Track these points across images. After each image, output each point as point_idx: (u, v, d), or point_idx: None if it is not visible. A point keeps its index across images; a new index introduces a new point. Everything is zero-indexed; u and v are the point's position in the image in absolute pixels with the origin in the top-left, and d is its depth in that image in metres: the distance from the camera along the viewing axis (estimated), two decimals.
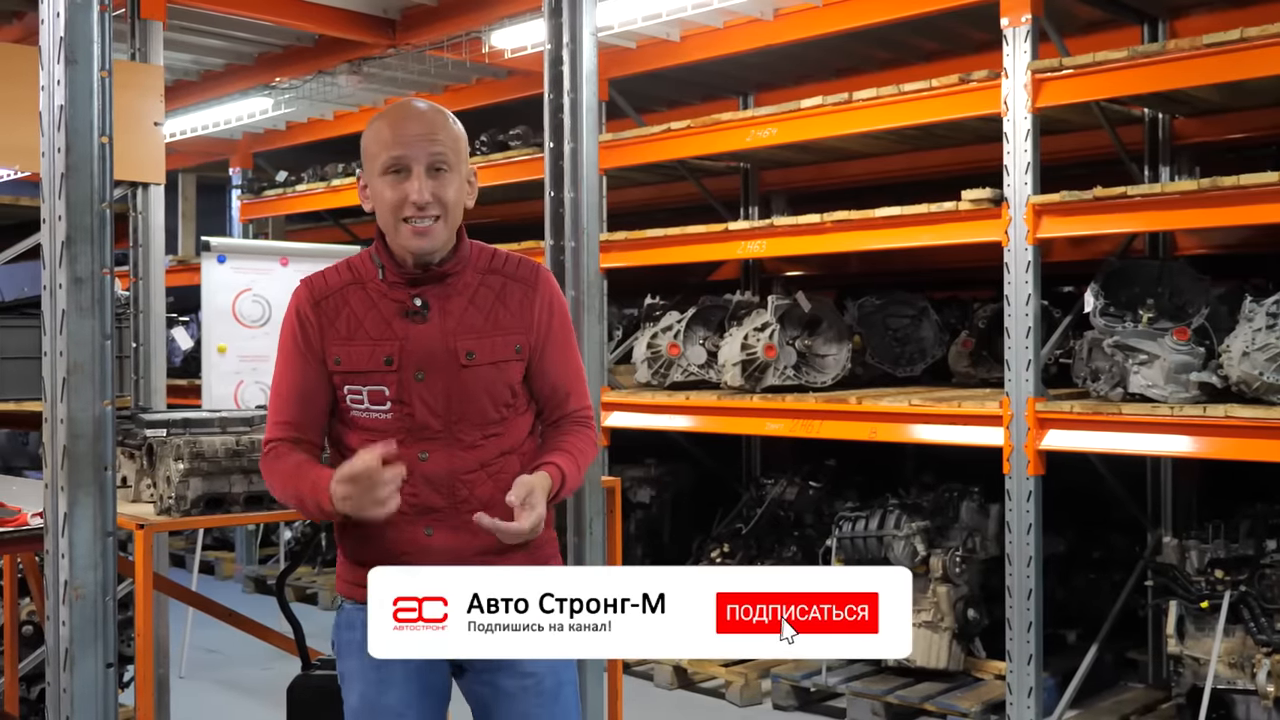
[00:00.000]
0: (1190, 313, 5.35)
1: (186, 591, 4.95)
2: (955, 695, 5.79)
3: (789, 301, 6.53)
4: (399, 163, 2.46)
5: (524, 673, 2.53)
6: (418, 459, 2.49)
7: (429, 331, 2.51)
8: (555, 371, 2.61)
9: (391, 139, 2.47)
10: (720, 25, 6.66)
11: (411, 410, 2.50)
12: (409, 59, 7.35)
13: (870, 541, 6.05)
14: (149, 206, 5.31)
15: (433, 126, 2.49)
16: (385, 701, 2.52)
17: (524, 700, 2.54)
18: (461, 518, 2.49)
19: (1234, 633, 5.15)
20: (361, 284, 2.56)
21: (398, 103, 2.59)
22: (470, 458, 2.51)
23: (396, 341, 2.50)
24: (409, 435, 2.50)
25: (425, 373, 2.49)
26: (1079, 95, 5.22)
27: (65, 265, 3.02)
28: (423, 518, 2.51)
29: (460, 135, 2.55)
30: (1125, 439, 5.12)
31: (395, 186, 2.47)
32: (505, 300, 2.56)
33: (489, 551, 2.50)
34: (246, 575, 9.10)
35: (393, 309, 2.52)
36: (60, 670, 3.05)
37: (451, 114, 2.58)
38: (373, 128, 2.53)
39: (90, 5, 3.03)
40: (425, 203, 2.45)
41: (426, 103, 2.59)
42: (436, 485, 2.50)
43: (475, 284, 2.56)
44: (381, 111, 2.58)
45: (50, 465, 3.07)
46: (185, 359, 8.64)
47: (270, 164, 10.03)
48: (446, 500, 2.51)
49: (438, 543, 2.51)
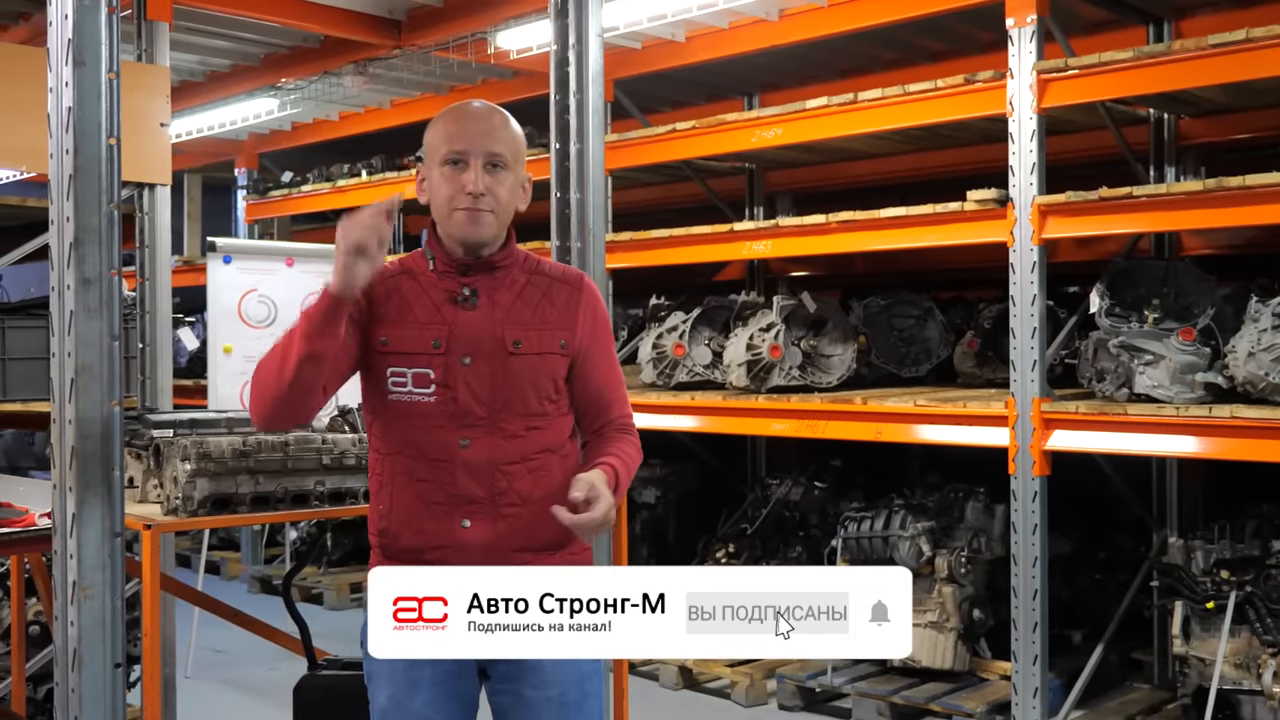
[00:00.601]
0: (1196, 313, 5.34)
1: (193, 592, 4.96)
2: (961, 695, 5.79)
3: (794, 302, 6.53)
4: (458, 155, 2.52)
5: (548, 683, 2.54)
6: (459, 445, 2.50)
7: (477, 318, 2.54)
8: (599, 377, 2.64)
9: (454, 133, 2.54)
10: (725, 26, 6.66)
11: (455, 394, 2.51)
12: (414, 60, 7.36)
13: (876, 542, 6.05)
14: (155, 207, 5.32)
15: (493, 126, 2.56)
16: (413, 704, 2.53)
17: (545, 711, 2.54)
18: (499, 510, 2.50)
19: (1240, 633, 5.14)
20: (412, 274, 2.60)
21: (461, 102, 2.64)
22: (512, 448, 2.52)
23: (445, 326, 2.53)
24: (450, 420, 2.51)
25: (472, 358, 2.51)
26: (1084, 96, 5.22)
27: (73, 266, 3.03)
28: (460, 508, 2.51)
29: (519, 139, 2.61)
30: (1131, 439, 5.11)
31: (452, 178, 2.52)
32: (551, 298, 2.60)
33: (526, 548, 2.51)
34: (252, 575, 9.12)
35: (442, 296, 2.56)
36: (68, 670, 3.06)
37: (514, 119, 2.63)
38: (437, 122, 2.59)
39: (98, 7, 3.04)
40: (480, 193, 2.50)
41: (490, 104, 2.65)
42: (476, 474, 2.50)
43: (523, 281, 2.60)
44: (446, 108, 2.64)
45: (58, 466, 3.08)
46: (191, 359, 8.65)
47: (276, 165, 10.05)
48: (485, 491, 2.50)
49: (474, 536, 2.50)
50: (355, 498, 3.85)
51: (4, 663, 5.03)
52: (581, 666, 2.57)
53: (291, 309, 6.45)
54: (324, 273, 7.31)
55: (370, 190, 8.61)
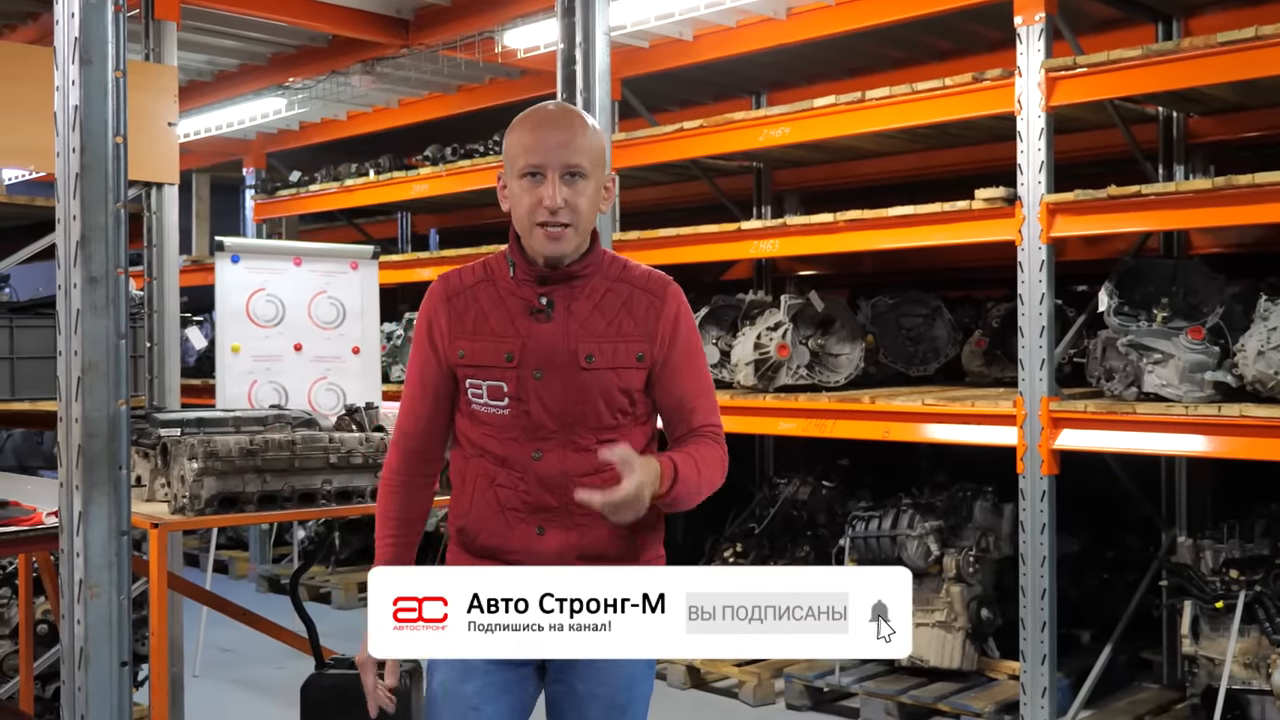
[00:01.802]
0: (1205, 312, 5.33)
1: (201, 590, 4.97)
2: (969, 695, 5.77)
3: (802, 301, 6.51)
4: (535, 168, 2.48)
5: (600, 680, 2.56)
6: (531, 458, 2.51)
7: (552, 331, 2.52)
8: (681, 385, 2.59)
9: (531, 144, 2.49)
10: (733, 24, 6.66)
11: (528, 408, 2.51)
12: (422, 59, 7.36)
13: (884, 541, 6.03)
14: (163, 206, 5.32)
15: (571, 135, 2.50)
16: (463, 691, 2.54)
17: (592, 708, 2.57)
18: (574, 519, 2.51)
19: (1249, 633, 5.12)
20: (493, 282, 2.59)
21: (540, 106, 2.59)
22: (584, 460, 2.51)
23: (519, 339, 2.52)
24: (524, 433, 2.52)
25: (544, 372, 2.50)
26: (1093, 94, 5.21)
27: (80, 265, 3.04)
28: (535, 516, 2.52)
29: (600, 144, 2.56)
30: (1139, 438, 5.10)
31: (530, 190, 2.49)
32: (631, 308, 2.56)
33: (602, 557, 2.52)
34: (260, 574, 9.12)
35: (519, 306, 2.54)
36: (75, 669, 3.07)
37: (594, 122, 2.58)
38: (514, 131, 2.55)
39: (104, 6, 3.05)
40: (557, 208, 2.47)
41: (568, 108, 2.62)
42: (549, 485, 2.51)
43: (603, 289, 2.57)
44: (524, 113, 2.59)
45: (65, 464, 3.08)
46: (199, 359, 8.67)
47: (284, 164, 10.06)
48: (559, 501, 2.51)
49: (549, 543, 2.52)
50: (362, 497, 3.85)
51: (12, 661, 5.04)
52: (633, 670, 2.58)
53: (299, 308, 6.46)
54: (330, 272, 7.27)
55: (378, 189, 8.62)
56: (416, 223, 10.77)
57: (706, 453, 2.56)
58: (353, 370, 6.49)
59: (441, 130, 8.59)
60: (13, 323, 5.25)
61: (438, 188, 8.13)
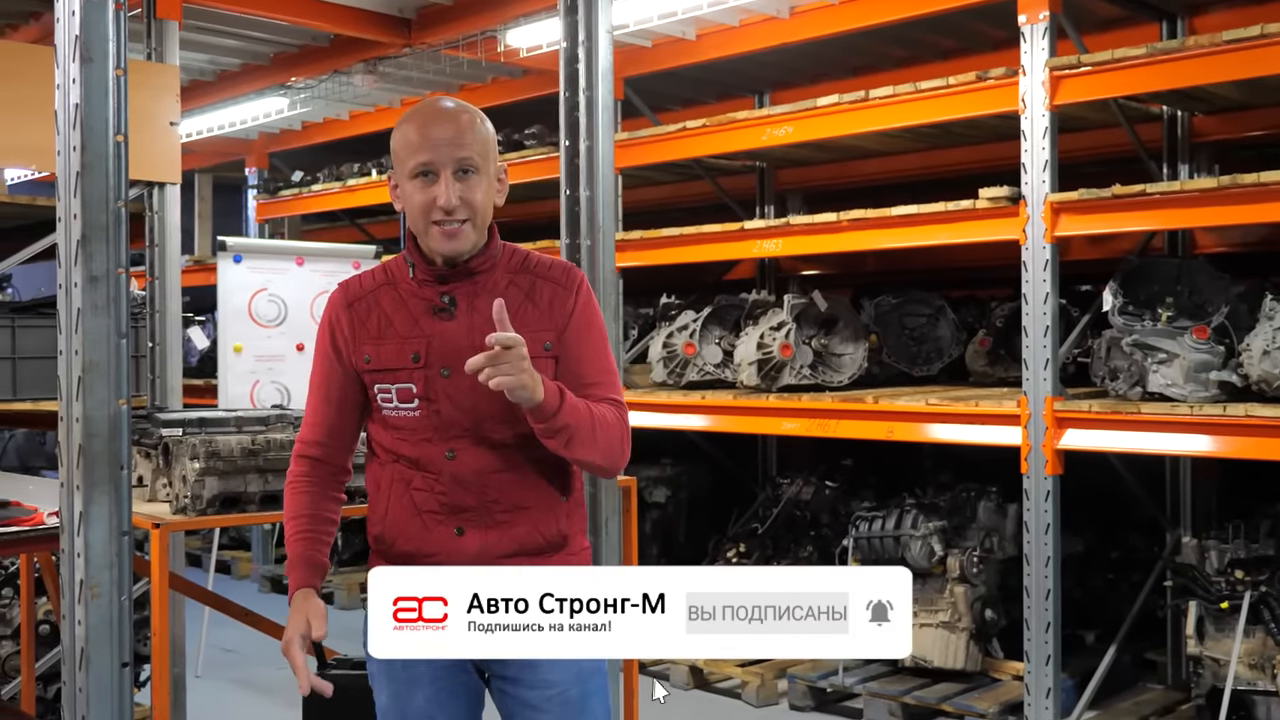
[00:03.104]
0: (1210, 311, 5.31)
1: (203, 591, 4.96)
2: (972, 696, 5.76)
3: (805, 300, 6.50)
4: (426, 166, 2.45)
5: (546, 683, 2.51)
6: (445, 457, 2.49)
7: (456, 329, 2.50)
8: (581, 364, 2.53)
9: (419, 143, 2.47)
10: (736, 24, 6.65)
11: (439, 407, 2.49)
12: (424, 58, 7.35)
13: (887, 541, 6.02)
14: (165, 206, 5.32)
15: (460, 129, 2.47)
16: (414, 702, 2.53)
17: (548, 712, 2.52)
18: (493, 518, 2.49)
19: (1254, 633, 5.11)
20: (394, 284, 2.57)
21: (424, 103, 2.56)
22: (499, 457, 2.49)
23: (424, 339, 2.50)
24: (436, 433, 2.49)
25: (451, 370, 2.47)
26: (1097, 93, 5.19)
27: (80, 264, 3.03)
28: (453, 517, 2.49)
29: (488, 135, 2.53)
30: (1144, 438, 5.08)
31: (423, 190, 2.46)
32: (534, 299, 2.53)
33: (521, 552, 2.49)
34: (262, 574, 9.12)
35: (421, 307, 2.52)
36: (76, 669, 3.06)
37: (480, 112, 2.55)
38: (401, 130, 2.52)
39: (105, 4, 3.04)
40: (453, 206, 2.44)
41: (454, 102, 2.56)
42: (466, 484, 2.49)
43: (505, 282, 2.54)
44: (409, 112, 2.56)
45: (66, 464, 3.07)
46: (201, 359, 8.66)
47: (286, 164, 10.06)
48: (477, 500, 2.49)
49: (468, 544, 2.49)
50: (364, 497, 3.84)
51: (14, 662, 5.04)
52: (580, 664, 2.53)
53: (302, 308, 6.46)
54: (333, 272, 7.29)
55: (380, 189, 8.61)
56: None
57: (602, 409, 2.47)
58: None
59: None
60: (14, 323, 5.24)
61: None
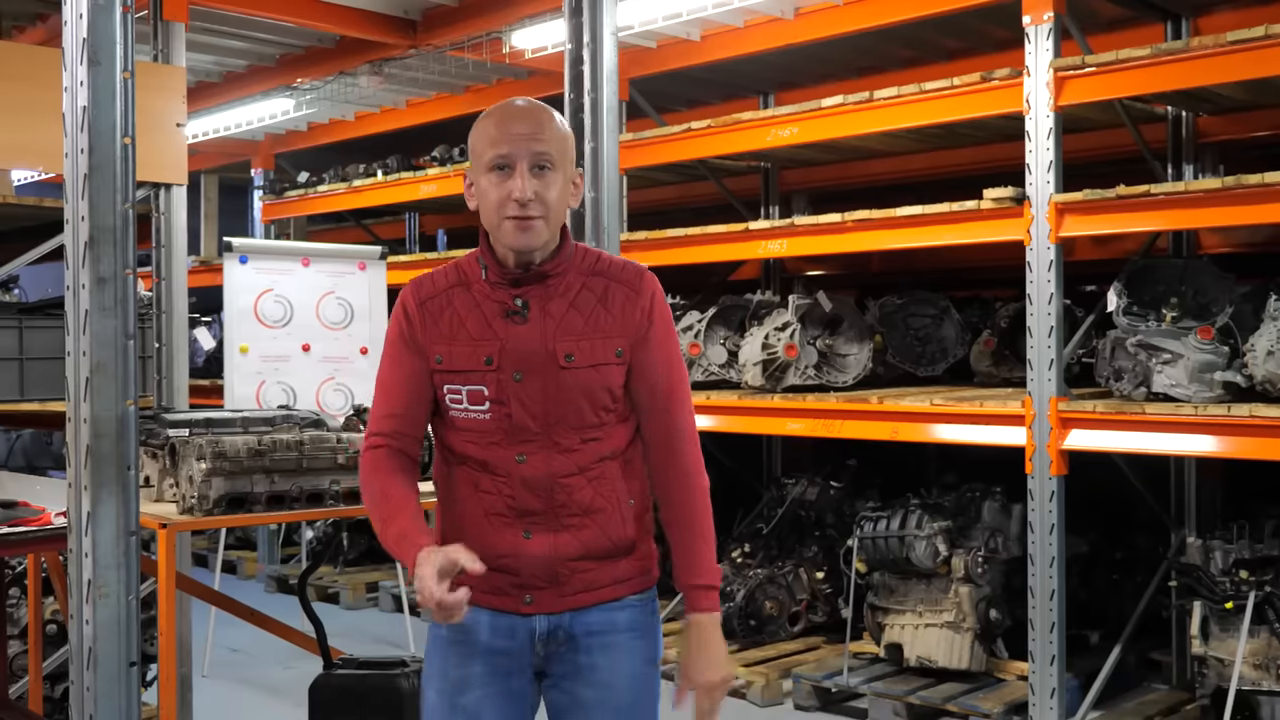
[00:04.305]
0: (1214, 311, 5.31)
1: (209, 591, 4.97)
2: (977, 696, 5.76)
3: (810, 301, 6.51)
4: (504, 160, 2.44)
5: (603, 683, 2.53)
6: (515, 461, 2.47)
7: (529, 332, 2.48)
8: (654, 374, 2.55)
9: (497, 136, 2.46)
10: (741, 24, 6.66)
11: (509, 411, 2.47)
12: (430, 59, 7.37)
13: (892, 541, 6.02)
14: (171, 207, 5.33)
15: (538, 126, 2.47)
16: (462, 701, 2.51)
17: (598, 711, 2.53)
18: (560, 521, 2.48)
19: (1259, 633, 5.11)
20: (466, 285, 2.54)
21: (506, 101, 2.56)
22: (568, 461, 2.48)
23: (497, 342, 2.48)
24: (506, 437, 2.48)
25: (524, 374, 2.46)
26: (1102, 93, 5.19)
27: (88, 265, 3.04)
28: (521, 520, 2.48)
29: (566, 135, 2.53)
30: (1149, 439, 5.08)
31: (499, 184, 2.45)
32: (608, 303, 2.53)
33: (589, 555, 2.50)
34: (269, 575, 9.14)
35: (494, 309, 2.50)
36: (83, 669, 3.07)
37: (559, 115, 2.56)
38: (480, 126, 2.52)
39: (113, 6, 3.05)
40: (527, 199, 2.43)
41: (534, 102, 2.57)
42: (534, 488, 2.47)
43: (578, 286, 2.53)
44: (489, 110, 2.56)
45: (73, 464, 3.08)
46: (208, 359, 8.68)
47: (292, 165, 10.07)
48: (544, 504, 2.47)
49: (535, 547, 2.48)
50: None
51: (21, 661, 5.05)
52: (636, 669, 2.56)
53: (307, 309, 6.47)
54: (339, 273, 7.27)
55: (386, 190, 8.63)
56: (424, 223, 10.78)
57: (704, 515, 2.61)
58: (361, 370, 6.50)
59: (449, 131, 8.58)
60: (22, 323, 5.26)
61: (445, 188, 8.14)
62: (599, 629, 2.52)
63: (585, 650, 2.51)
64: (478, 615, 2.47)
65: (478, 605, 2.43)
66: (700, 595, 2.54)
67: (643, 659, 2.57)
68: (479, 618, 2.48)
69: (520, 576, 2.47)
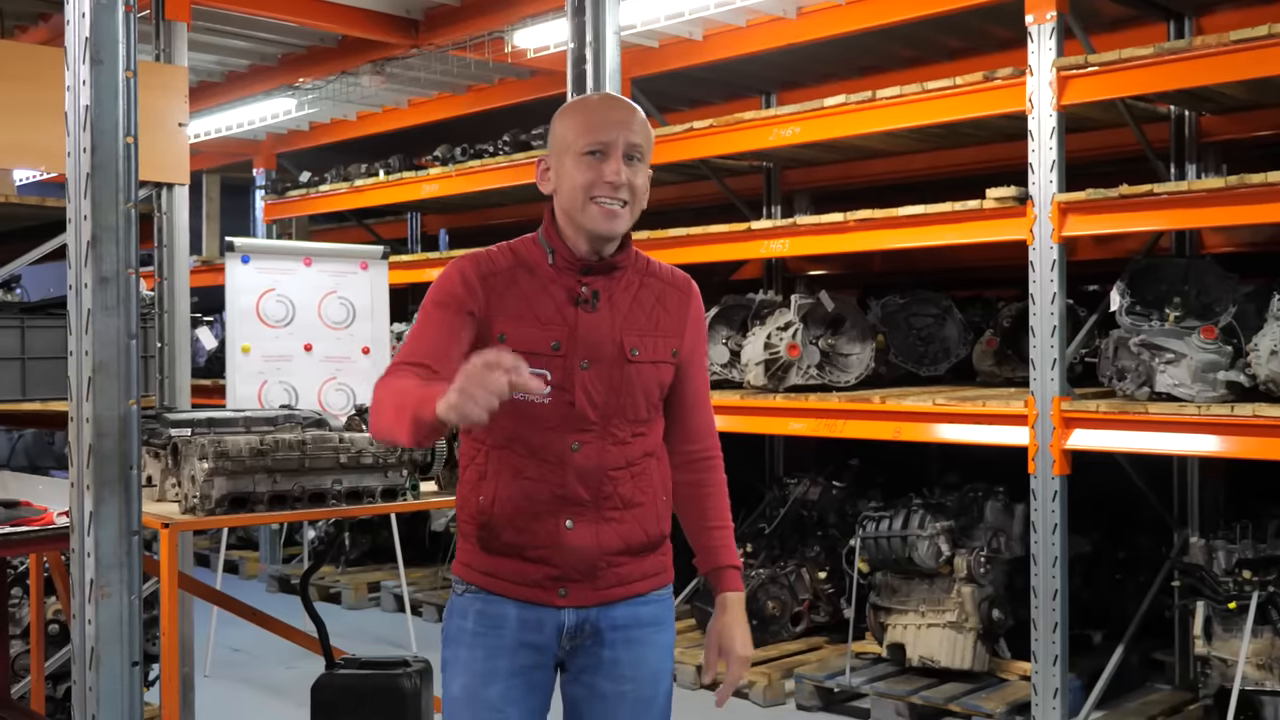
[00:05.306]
0: (1217, 311, 5.31)
1: (211, 590, 4.97)
2: (980, 696, 5.76)
3: (812, 300, 6.51)
4: (599, 146, 2.46)
5: (624, 678, 2.54)
6: (570, 449, 2.47)
7: (599, 322, 2.49)
8: (697, 376, 2.67)
9: (596, 123, 2.48)
10: (743, 24, 6.65)
11: (572, 399, 2.46)
12: (432, 59, 7.37)
13: (894, 541, 6.02)
14: (173, 207, 5.33)
15: (632, 115, 2.52)
16: (487, 695, 2.50)
17: (618, 705, 2.55)
18: (602, 514, 2.49)
19: (1262, 633, 5.10)
20: (529, 268, 2.52)
21: (595, 94, 2.62)
22: (619, 453, 2.50)
23: (566, 328, 2.47)
24: (564, 423, 2.46)
25: (591, 362, 2.47)
26: (1104, 93, 5.19)
27: (90, 265, 3.04)
28: (565, 509, 2.47)
29: (651, 135, 2.57)
30: (1151, 438, 5.08)
31: (593, 167, 2.45)
32: (665, 304, 2.58)
33: (627, 551, 2.52)
34: (270, 574, 9.14)
35: (563, 295, 2.49)
36: (86, 669, 3.07)
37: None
38: (569, 115, 2.54)
39: (115, 6, 3.05)
40: (620, 183, 2.46)
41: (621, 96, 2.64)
42: (585, 478, 2.47)
43: (637, 283, 2.56)
44: (575, 102, 2.63)
45: (75, 464, 3.08)
46: (209, 359, 8.69)
47: (294, 164, 10.08)
48: (592, 494, 2.48)
49: (576, 538, 2.47)
50: (373, 497, 3.85)
51: (23, 661, 5.05)
52: (656, 663, 2.58)
53: (309, 309, 6.48)
54: (340, 272, 7.29)
55: (388, 190, 8.63)
56: (426, 223, 10.79)
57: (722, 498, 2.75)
58: (363, 370, 6.51)
59: (451, 130, 8.59)
60: (24, 323, 5.26)
61: (447, 188, 8.14)
62: (623, 623, 2.54)
63: (609, 645, 2.53)
64: (505, 608, 2.48)
65: (505, 597, 2.47)
66: (733, 576, 2.66)
67: (662, 652, 2.61)
68: (507, 610, 2.49)
69: (557, 568, 2.47)
